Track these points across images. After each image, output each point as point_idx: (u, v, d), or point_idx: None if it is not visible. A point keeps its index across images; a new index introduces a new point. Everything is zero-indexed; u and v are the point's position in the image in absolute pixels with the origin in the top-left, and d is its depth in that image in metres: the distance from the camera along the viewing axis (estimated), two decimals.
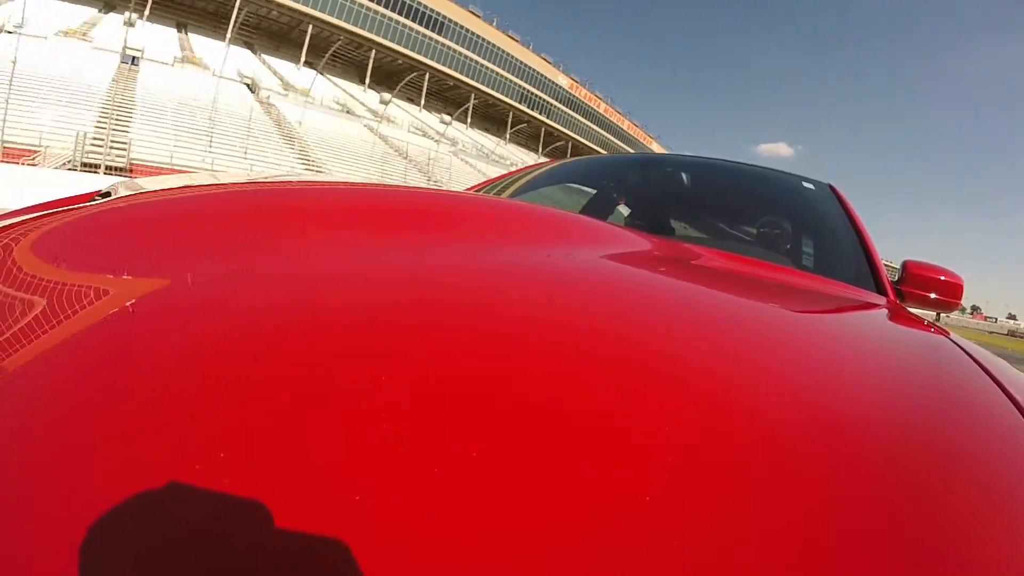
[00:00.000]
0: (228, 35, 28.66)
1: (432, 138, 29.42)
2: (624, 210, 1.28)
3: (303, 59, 32.50)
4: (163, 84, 20.01)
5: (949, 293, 1.04)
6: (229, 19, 29.38)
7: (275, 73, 30.02)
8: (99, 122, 15.02)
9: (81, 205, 0.47)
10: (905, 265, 1.07)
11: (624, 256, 0.54)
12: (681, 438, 0.21)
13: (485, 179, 1.66)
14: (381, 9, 33.07)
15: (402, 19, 34.62)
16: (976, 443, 0.28)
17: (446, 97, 39.42)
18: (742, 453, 0.21)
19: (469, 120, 39.19)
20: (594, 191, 1.41)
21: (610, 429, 0.20)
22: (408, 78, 36.21)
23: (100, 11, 26.98)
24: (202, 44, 28.63)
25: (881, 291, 0.90)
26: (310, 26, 31.68)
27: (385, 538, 0.15)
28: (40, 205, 0.53)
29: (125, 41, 19.80)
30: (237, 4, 28.94)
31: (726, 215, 1.28)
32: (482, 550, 0.15)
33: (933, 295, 1.03)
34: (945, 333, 0.52)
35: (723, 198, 1.30)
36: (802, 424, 0.24)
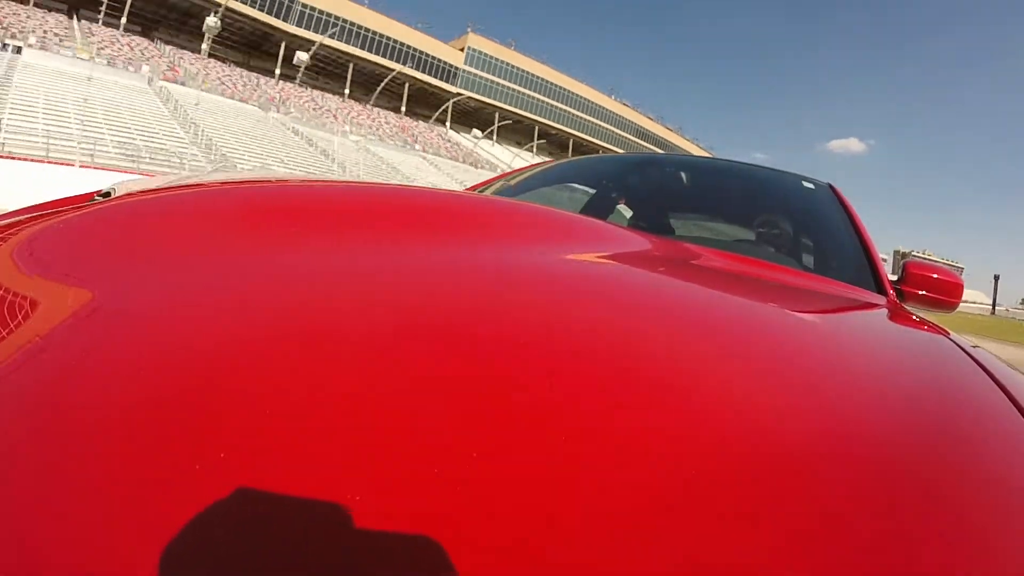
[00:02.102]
0: (448, 123, 37.77)
1: None
2: (624, 210, 1.26)
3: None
4: None
5: (949, 293, 1.03)
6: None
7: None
8: None
9: (81, 205, 0.47)
10: (905, 265, 1.07)
11: (624, 256, 0.54)
12: (682, 438, 0.21)
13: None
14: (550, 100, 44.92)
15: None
16: (976, 442, 0.28)
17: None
18: (742, 454, 0.21)
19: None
20: (594, 191, 1.40)
21: (612, 430, 0.20)
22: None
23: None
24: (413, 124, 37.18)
25: (881, 291, 0.90)
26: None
27: (396, 536, 0.15)
28: (40, 205, 0.53)
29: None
30: (450, 106, 39.11)
31: (726, 215, 1.27)
32: (490, 551, 0.15)
33: (933, 295, 1.02)
34: (945, 333, 0.52)
35: (723, 198, 1.29)
36: (803, 424, 0.24)
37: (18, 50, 19.44)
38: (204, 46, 29.36)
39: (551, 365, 0.24)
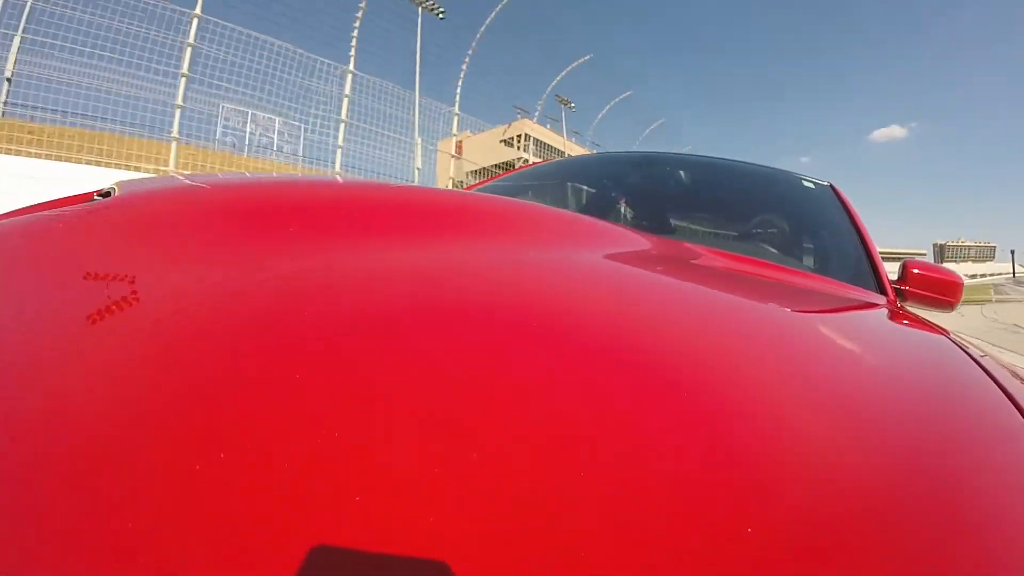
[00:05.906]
0: None
1: None
2: (625, 209, 1.26)
3: None
4: None
5: (948, 293, 1.04)
6: None
7: None
8: None
9: (81, 205, 0.45)
10: (905, 265, 1.08)
11: (624, 255, 0.53)
12: (682, 437, 0.21)
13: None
14: None
15: None
16: (975, 442, 0.28)
17: None
18: (742, 453, 0.21)
19: None
20: (594, 190, 1.40)
21: (613, 430, 0.20)
22: None
23: None
24: None
25: (881, 291, 0.91)
26: None
27: (395, 540, 0.15)
28: (40, 205, 0.52)
29: None
30: None
31: (727, 214, 1.27)
32: (491, 552, 0.15)
33: (933, 294, 1.03)
34: (944, 332, 0.52)
35: (724, 197, 1.29)
36: (802, 424, 0.24)
37: None
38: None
39: (554, 366, 0.24)
